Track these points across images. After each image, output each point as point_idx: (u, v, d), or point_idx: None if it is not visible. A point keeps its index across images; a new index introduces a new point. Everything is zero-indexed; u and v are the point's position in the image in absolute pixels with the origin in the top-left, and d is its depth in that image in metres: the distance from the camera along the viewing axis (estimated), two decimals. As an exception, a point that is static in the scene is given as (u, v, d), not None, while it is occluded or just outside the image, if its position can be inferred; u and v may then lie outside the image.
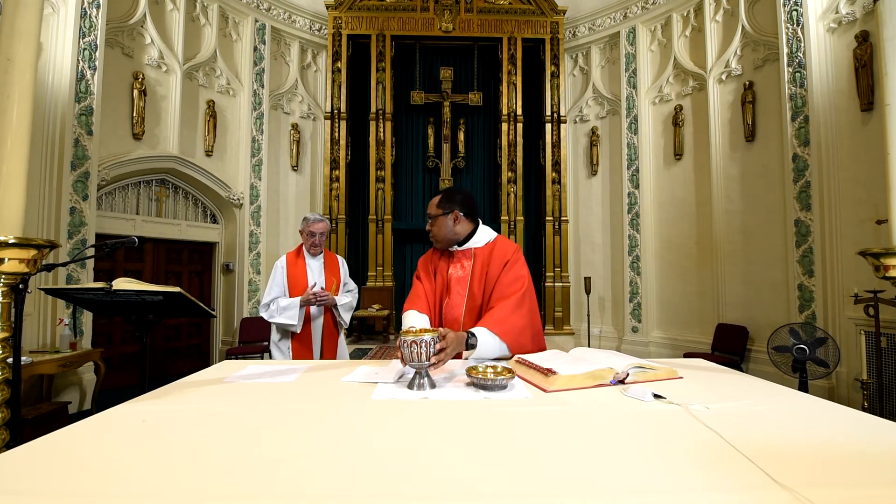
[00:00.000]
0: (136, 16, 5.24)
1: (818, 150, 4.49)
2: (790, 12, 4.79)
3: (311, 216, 2.77)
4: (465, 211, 1.84)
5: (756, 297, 5.31)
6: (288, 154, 7.10)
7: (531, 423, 0.94)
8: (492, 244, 1.86)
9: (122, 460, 0.74)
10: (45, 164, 4.14)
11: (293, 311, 2.60)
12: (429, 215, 1.87)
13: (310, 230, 2.73)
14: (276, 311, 2.63)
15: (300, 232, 2.81)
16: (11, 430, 1.11)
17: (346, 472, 0.70)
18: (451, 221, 1.83)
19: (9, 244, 0.99)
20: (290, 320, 2.60)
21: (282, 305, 2.63)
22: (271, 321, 2.65)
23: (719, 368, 1.51)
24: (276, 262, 2.79)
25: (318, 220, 2.75)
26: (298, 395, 1.18)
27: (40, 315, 4.08)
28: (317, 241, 2.75)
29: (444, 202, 1.83)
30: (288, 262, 2.77)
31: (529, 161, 7.44)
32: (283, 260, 2.79)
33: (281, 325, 2.63)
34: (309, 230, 2.74)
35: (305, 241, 2.78)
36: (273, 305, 2.66)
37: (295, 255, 2.81)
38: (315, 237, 2.74)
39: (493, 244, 1.86)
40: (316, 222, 2.75)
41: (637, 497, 0.62)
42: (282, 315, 2.60)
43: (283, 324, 2.61)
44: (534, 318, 1.75)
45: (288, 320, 2.59)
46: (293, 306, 2.61)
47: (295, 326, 2.61)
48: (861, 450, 0.78)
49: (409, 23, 7.19)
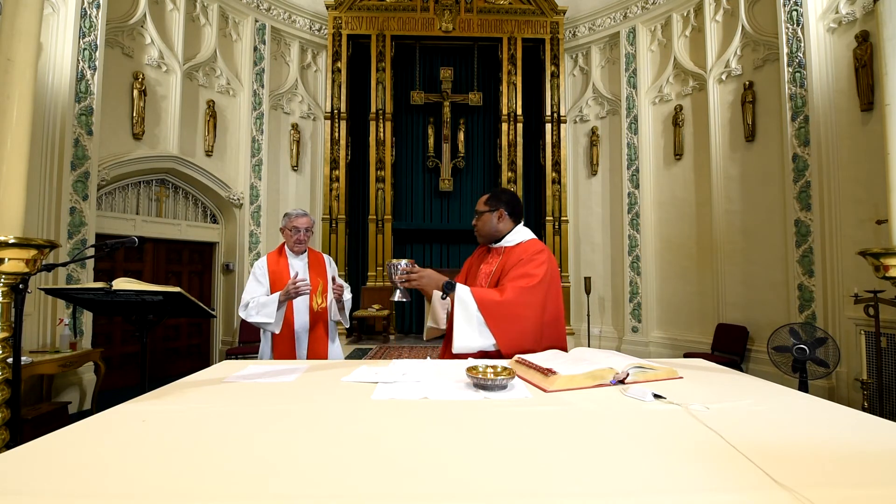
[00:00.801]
0: (136, 16, 5.24)
1: (818, 150, 4.49)
2: (790, 12, 4.79)
3: (292, 211, 2.56)
4: (509, 210, 1.94)
5: (756, 297, 5.31)
6: (288, 154, 7.10)
7: (531, 423, 0.94)
8: (521, 244, 1.90)
9: (122, 460, 0.74)
10: (45, 164, 4.14)
11: (271, 307, 2.32)
12: (476, 211, 1.97)
13: (293, 225, 2.50)
14: (254, 311, 2.35)
15: (281, 230, 2.58)
16: (11, 430, 1.11)
17: (346, 472, 0.70)
18: (495, 219, 1.93)
19: (9, 244, 0.99)
20: (267, 318, 2.31)
21: (260, 302, 2.35)
22: (248, 320, 2.38)
23: (719, 368, 1.51)
24: (256, 262, 2.52)
25: (300, 215, 2.53)
26: (298, 395, 1.18)
27: (40, 315, 4.08)
28: (301, 237, 2.51)
29: (491, 200, 1.94)
30: (269, 263, 2.51)
31: (529, 161, 7.45)
32: (262, 260, 2.53)
33: (258, 324, 2.36)
34: (292, 225, 2.50)
35: (288, 238, 2.53)
36: (251, 305, 2.38)
37: (277, 254, 2.55)
38: (300, 233, 2.50)
39: (522, 244, 1.90)
40: (299, 217, 2.52)
41: (637, 497, 0.62)
42: (259, 313, 2.33)
43: (260, 323, 2.34)
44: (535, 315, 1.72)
45: (265, 318, 2.31)
46: (271, 302, 2.33)
47: (272, 326, 2.33)
48: (861, 450, 0.78)
49: (409, 23, 7.19)
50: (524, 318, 1.70)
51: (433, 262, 7.89)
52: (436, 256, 7.94)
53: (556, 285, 1.86)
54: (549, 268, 1.82)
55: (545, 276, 1.78)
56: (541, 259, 1.81)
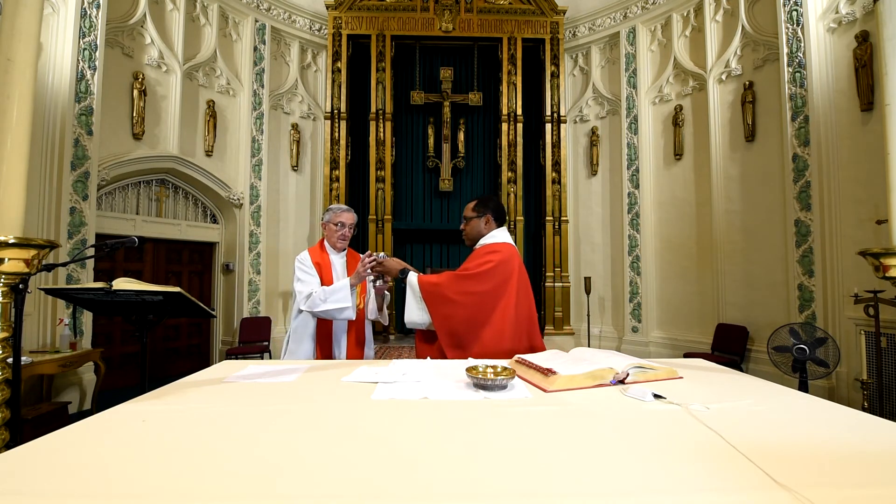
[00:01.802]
0: (136, 16, 5.24)
1: (818, 150, 4.48)
2: (790, 12, 4.79)
3: (336, 206, 2.47)
4: (495, 216, 2.14)
5: (756, 297, 5.31)
6: (288, 154, 7.09)
7: (531, 423, 0.94)
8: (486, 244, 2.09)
9: (122, 460, 0.74)
10: (45, 164, 4.13)
11: (343, 291, 2.13)
12: (464, 217, 2.16)
13: (339, 220, 2.40)
14: (321, 299, 2.15)
15: (323, 225, 2.47)
16: (11, 430, 1.11)
17: (346, 472, 0.70)
18: (482, 224, 2.13)
19: (9, 244, 0.99)
20: (342, 303, 2.12)
21: (329, 290, 2.17)
22: (315, 311, 2.17)
23: (719, 368, 1.51)
24: (298, 256, 2.39)
25: (346, 210, 2.45)
26: (298, 395, 1.18)
27: (40, 315, 4.08)
28: (346, 232, 2.41)
29: (479, 206, 2.14)
30: (312, 256, 2.39)
31: (529, 161, 7.44)
32: (305, 254, 2.41)
33: (329, 313, 2.15)
34: (338, 220, 2.40)
35: (331, 233, 2.42)
36: (316, 293, 2.19)
37: (319, 249, 2.44)
38: (344, 228, 2.40)
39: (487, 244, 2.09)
40: (344, 212, 2.43)
41: (637, 497, 0.62)
42: (331, 300, 2.13)
43: (332, 310, 2.14)
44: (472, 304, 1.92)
45: (339, 303, 2.12)
46: (343, 287, 2.14)
47: (349, 311, 2.14)
48: (861, 450, 0.78)
49: (409, 23, 7.19)
50: (457, 303, 1.92)
51: (433, 262, 7.88)
52: (436, 256, 7.94)
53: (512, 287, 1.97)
54: (500, 268, 1.97)
55: (488, 272, 1.95)
56: (489, 258, 1.99)
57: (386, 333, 6.84)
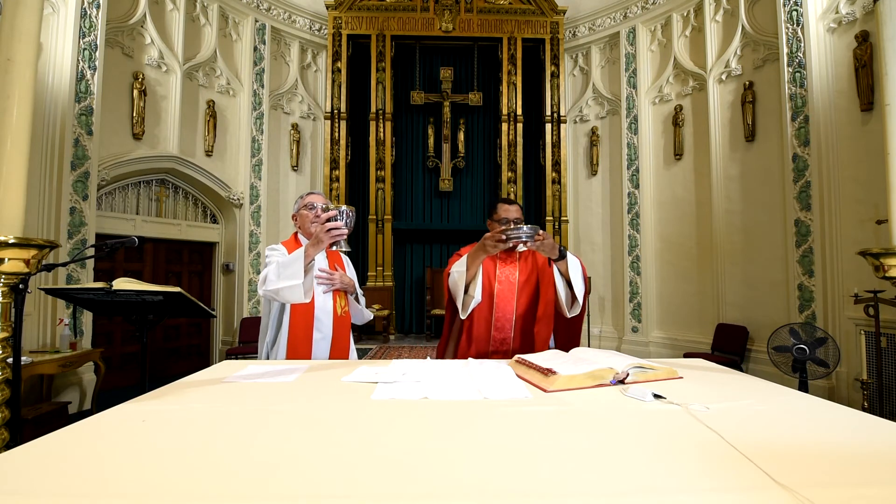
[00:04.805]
0: (136, 16, 5.24)
1: (818, 150, 4.48)
2: (790, 12, 4.79)
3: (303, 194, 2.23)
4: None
5: (756, 297, 5.31)
6: (288, 154, 7.10)
7: (531, 423, 0.94)
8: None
9: (123, 460, 0.74)
10: (45, 164, 4.13)
11: (296, 265, 1.68)
12: (520, 219, 2.26)
13: (309, 201, 2.13)
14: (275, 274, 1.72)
15: (294, 217, 2.20)
16: (11, 430, 1.11)
17: (346, 471, 0.70)
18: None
19: (9, 244, 0.99)
20: (292, 279, 1.67)
21: (282, 263, 1.73)
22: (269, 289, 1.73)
23: (719, 368, 1.51)
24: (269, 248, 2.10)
25: (314, 192, 2.20)
26: (298, 394, 1.18)
27: (40, 315, 4.08)
28: (319, 212, 2.08)
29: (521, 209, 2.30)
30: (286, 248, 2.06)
31: (529, 161, 7.45)
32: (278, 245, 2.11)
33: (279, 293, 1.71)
34: (308, 202, 2.13)
35: (305, 221, 2.11)
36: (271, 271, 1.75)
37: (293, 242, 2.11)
38: (316, 209, 2.10)
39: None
40: (312, 194, 2.19)
41: (637, 497, 0.62)
42: (281, 276, 1.70)
43: (281, 289, 1.69)
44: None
45: (288, 280, 1.67)
46: (295, 260, 1.68)
47: (297, 291, 1.68)
48: (861, 450, 0.78)
49: (409, 23, 7.19)
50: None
51: (433, 262, 7.88)
52: (436, 256, 7.94)
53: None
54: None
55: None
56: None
57: (386, 333, 6.84)
